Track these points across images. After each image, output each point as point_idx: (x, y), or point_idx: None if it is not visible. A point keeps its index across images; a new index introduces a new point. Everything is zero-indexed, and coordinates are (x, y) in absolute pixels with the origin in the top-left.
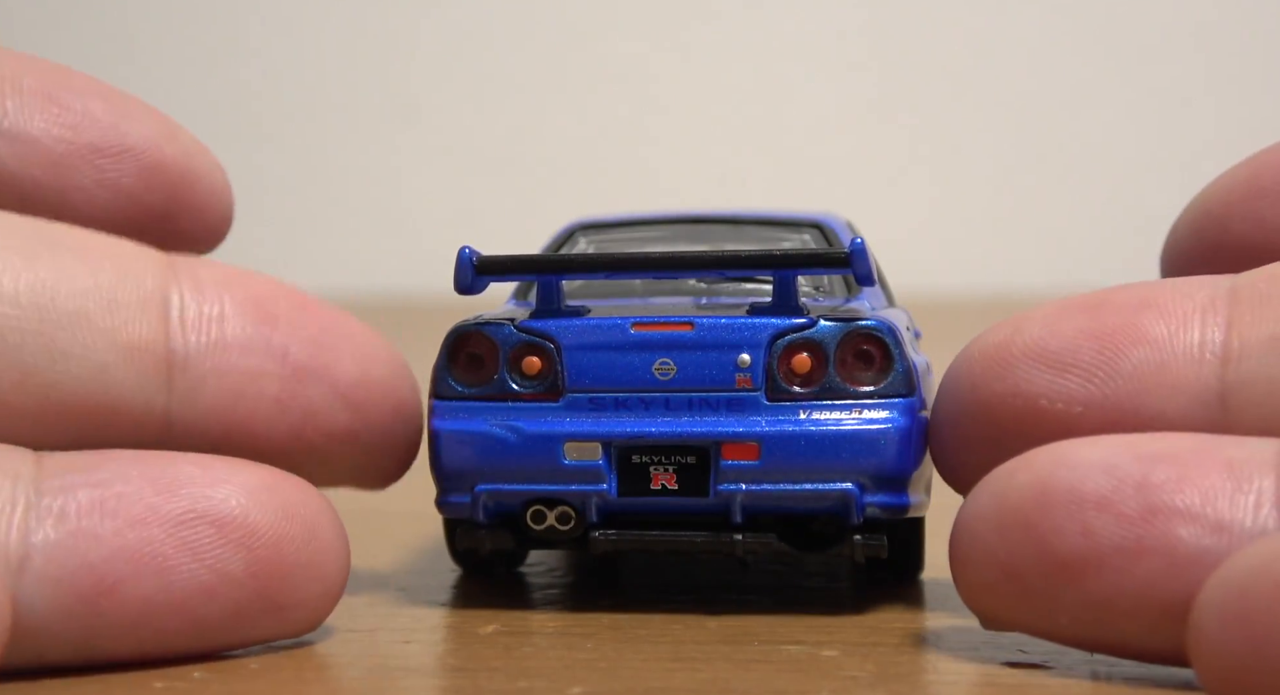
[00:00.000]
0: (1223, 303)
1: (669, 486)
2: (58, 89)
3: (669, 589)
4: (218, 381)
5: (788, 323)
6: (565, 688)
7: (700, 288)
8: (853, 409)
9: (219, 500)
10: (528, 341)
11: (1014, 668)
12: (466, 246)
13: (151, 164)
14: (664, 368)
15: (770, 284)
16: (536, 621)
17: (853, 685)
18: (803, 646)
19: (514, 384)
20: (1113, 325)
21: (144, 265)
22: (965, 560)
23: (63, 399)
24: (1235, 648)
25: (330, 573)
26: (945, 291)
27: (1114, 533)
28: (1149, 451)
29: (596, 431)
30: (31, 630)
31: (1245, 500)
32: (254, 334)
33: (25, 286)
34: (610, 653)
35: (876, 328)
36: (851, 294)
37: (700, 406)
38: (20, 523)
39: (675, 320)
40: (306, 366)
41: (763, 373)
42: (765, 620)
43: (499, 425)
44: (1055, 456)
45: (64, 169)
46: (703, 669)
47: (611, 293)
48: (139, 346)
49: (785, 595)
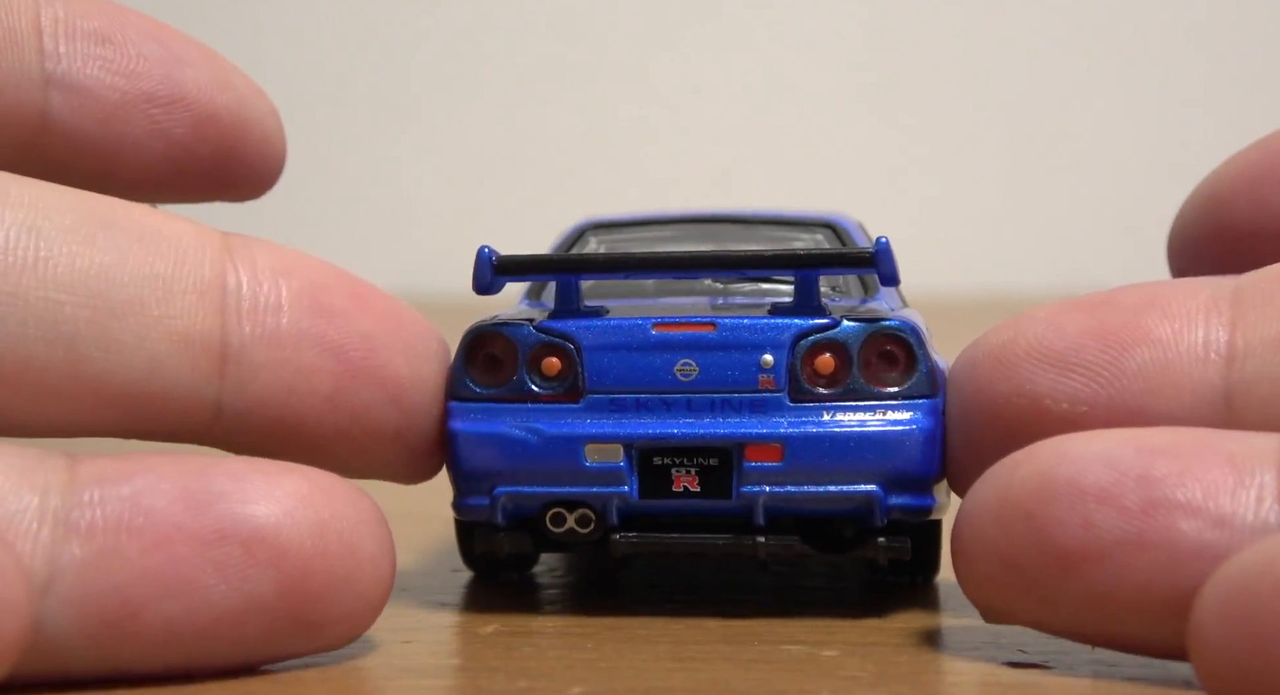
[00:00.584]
0: (1226, 303)
1: (691, 488)
2: (111, 30)
3: (669, 589)
4: (270, 375)
5: (811, 323)
6: (565, 688)
7: (716, 288)
8: (877, 410)
9: (248, 518)
10: (547, 342)
11: (1015, 667)
12: (486, 246)
13: (205, 114)
14: (686, 369)
15: (786, 284)
16: (536, 621)
17: (853, 685)
18: (803, 646)
19: (533, 385)
20: (1117, 324)
21: (202, 250)
22: (967, 553)
23: (113, 388)
24: (1235, 647)
25: (369, 587)
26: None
27: (1115, 526)
28: (1150, 445)
29: (618, 433)
30: (55, 651)
31: (1247, 495)
32: (309, 327)
33: (81, 272)
34: (610, 653)
35: (900, 328)
36: (869, 294)
37: (723, 407)
38: (47, 541)
39: (697, 321)
40: (360, 366)
41: (786, 373)
42: (765, 620)
43: (519, 427)
44: (1057, 449)
45: (117, 120)
46: (703, 669)
47: (624, 293)
48: (194, 337)
49: (785, 595)
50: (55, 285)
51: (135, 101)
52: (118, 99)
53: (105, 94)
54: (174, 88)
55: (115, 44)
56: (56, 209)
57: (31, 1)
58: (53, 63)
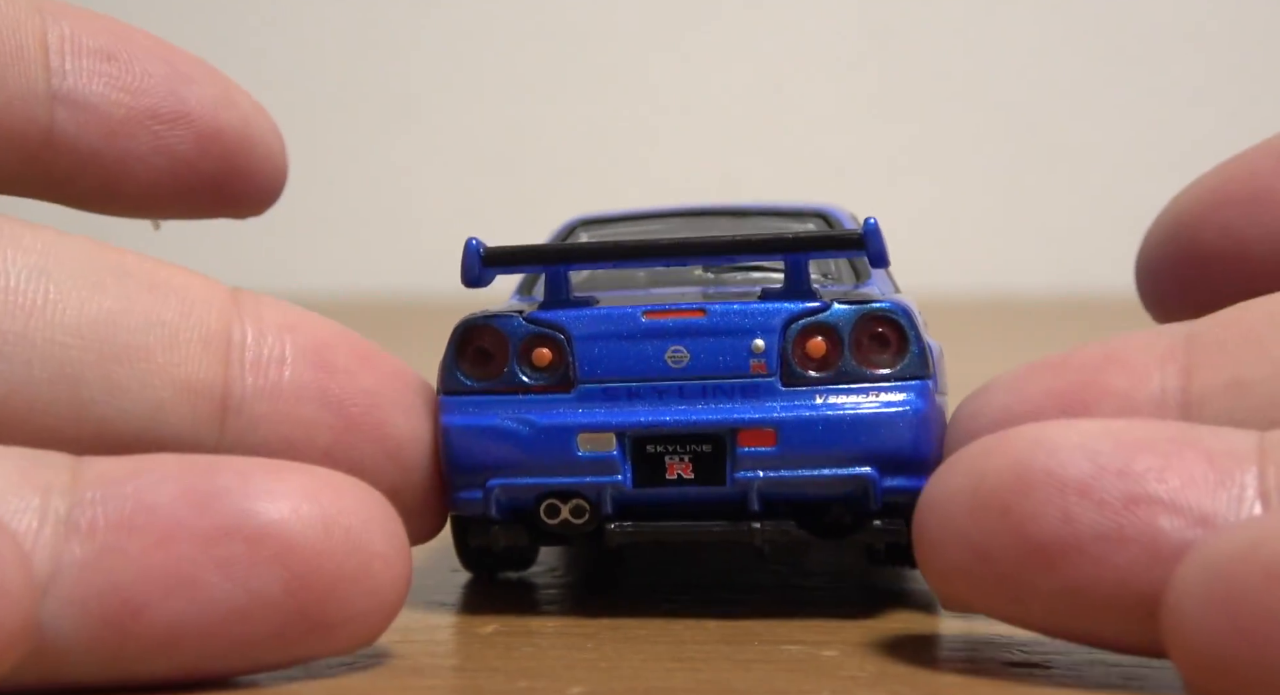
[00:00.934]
0: (1181, 351)
1: (685, 476)
2: (117, 47)
3: (669, 589)
4: (270, 427)
5: (801, 307)
6: (565, 688)
7: (707, 278)
8: (870, 392)
9: (253, 514)
10: (537, 333)
11: (1014, 667)
12: (473, 238)
13: (209, 131)
14: (677, 356)
15: (779, 272)
16: (536, 621)
17: (853, 685)
18: (803, 646)
19: (524, 376)
20: (1076, 382)
21: (209, 301)
22: (934, 541)
23: (116, 432)
24: (1218, 636)
25: (382, 585)
26: (945, 291)
27: (1094, 520)
28: (1129, 439)
29: (610, 422)
30: (57, 653)
31: (1227, 493)
32: (311, 382)
33: (89, 318)
34: (610, 653)
35: (891, 309)
36: (860, 280)
37: (715, 394)
38: (48, 540)
39: (687, 307)
40: (360, 422)
41: (777, 358)
42: (765, 620)
43: (511, 418)
44: (1032, 438)
45: (121, 136)
46: (703, 669)
47: (616, 284)
48: (197, 386)
49: (785, 595)
50: (63, 329)
51: (140, 118)
52: (123, 115)
53: (110, 110)
54: (178, 105)
55: (120, 61)
56: (69, 255)
57: (38, 19)
58: (59, 79)
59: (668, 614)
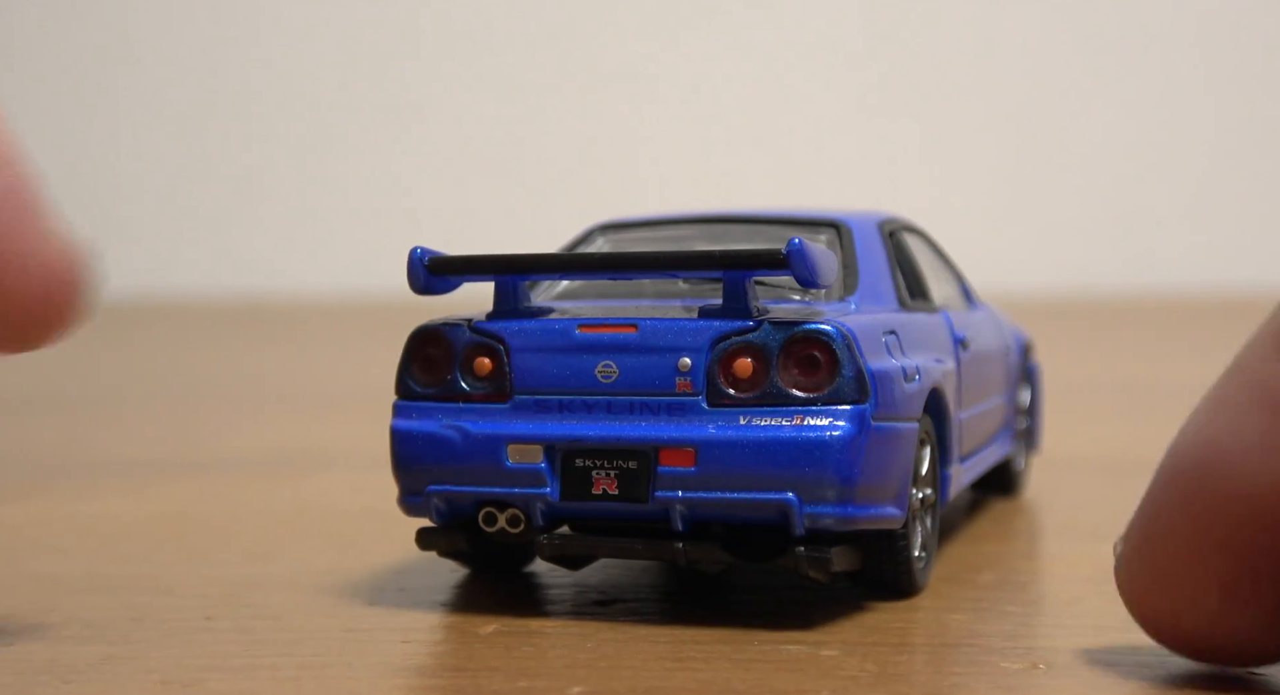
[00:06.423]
0: None
1: (610, 491)
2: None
3: (669, 589)
4: None
5: (730, 325)
6: (565, 688)
7: (684, 290)
8: (794, 415)
9: None
10: (479, 342)
11: (1014, 667)
12: (418, 246)
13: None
14: (607, 371)
15: (775, 285)
16: (536, 621)
17: (853, 685)
18: (803, 646)
19: (465, 385)
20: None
21: None
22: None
23: None
24: None
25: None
26: None
27: None
28: None
29: (538, 434)
30: None
31: None
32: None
33: None
34: (610, 653)
35: (822, 332)
36: (847, 293)
37: (641, 410)
38: None
39: (620, 322)
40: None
41: (703, 377)
42: (765, 620)
43: (448, 426)
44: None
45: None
46: (703, 669)
47: (594, 294)
48: None
49: (785, 595)
50: None
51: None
52: None
53: None
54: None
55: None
56: None
57: None
58: None
59: (668, 614)
